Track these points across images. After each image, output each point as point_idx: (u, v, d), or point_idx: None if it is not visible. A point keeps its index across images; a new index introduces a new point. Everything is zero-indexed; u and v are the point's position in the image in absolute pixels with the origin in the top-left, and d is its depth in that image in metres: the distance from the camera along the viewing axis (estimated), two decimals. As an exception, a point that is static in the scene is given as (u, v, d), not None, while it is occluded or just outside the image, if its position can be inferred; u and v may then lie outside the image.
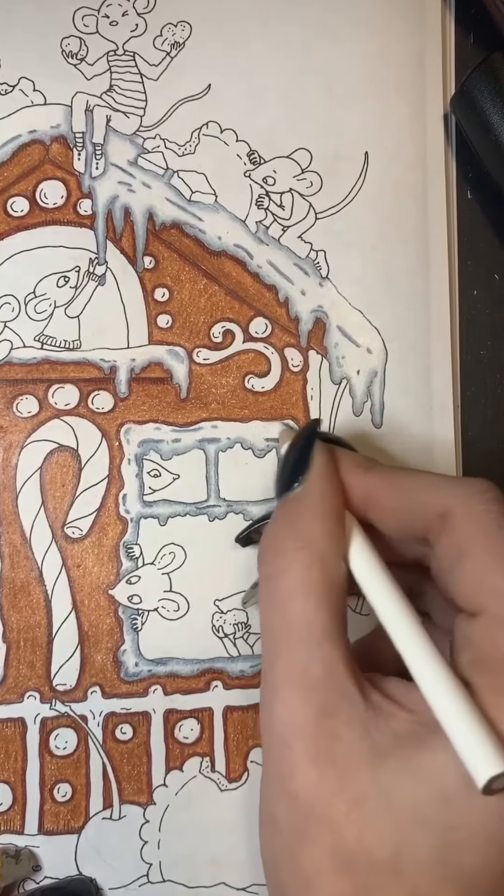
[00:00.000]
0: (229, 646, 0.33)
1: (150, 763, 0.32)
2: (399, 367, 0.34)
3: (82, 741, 0.32)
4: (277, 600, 0.25)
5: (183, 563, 0.33)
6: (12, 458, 0.32)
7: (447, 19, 0.35)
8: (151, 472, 0.33)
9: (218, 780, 0.32)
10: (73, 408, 0.33)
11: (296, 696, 0.24)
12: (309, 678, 0.24)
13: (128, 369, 0.33)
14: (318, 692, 0.24)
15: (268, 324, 0.34)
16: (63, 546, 0.32)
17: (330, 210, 0.34)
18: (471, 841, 0.22)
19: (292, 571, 0.25)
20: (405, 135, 0.34)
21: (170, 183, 0.33)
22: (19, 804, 0.31)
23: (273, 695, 0.24)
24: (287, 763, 0.23)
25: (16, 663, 0.32)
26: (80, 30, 0.33)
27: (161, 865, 0.32)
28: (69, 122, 0.33)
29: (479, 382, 0.35)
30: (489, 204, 0.35)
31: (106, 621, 0.32)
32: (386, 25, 0.34)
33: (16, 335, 0.33)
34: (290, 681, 0.24)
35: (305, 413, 0.33)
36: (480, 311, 0.35)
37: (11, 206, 0.33)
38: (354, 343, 0.34)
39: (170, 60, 0.34)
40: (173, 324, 0.33)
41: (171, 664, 0.32)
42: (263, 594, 0.26)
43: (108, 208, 0.33)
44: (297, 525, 0.26)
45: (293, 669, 0.24)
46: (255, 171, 0.34)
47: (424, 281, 0.34)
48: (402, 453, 0.33)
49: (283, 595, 0.25)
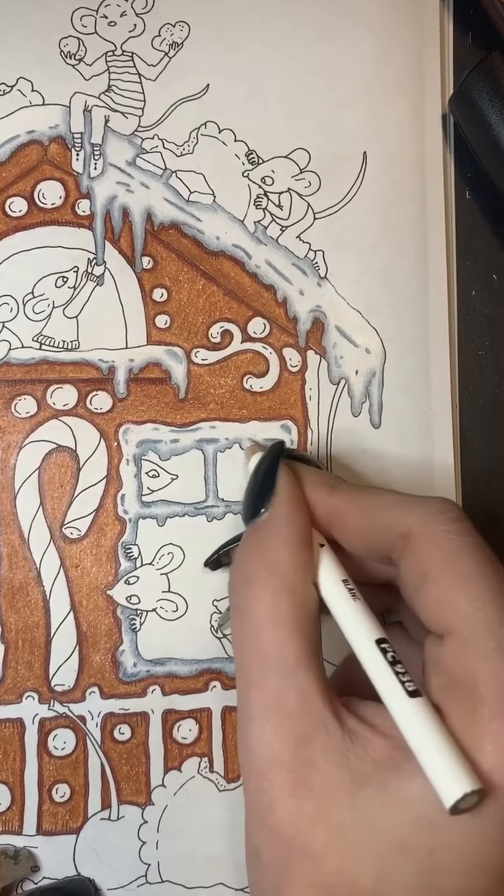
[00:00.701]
0: (228, 646, 0.33)
1: (149, 763, 0.32)
2: (398, 367, 0.34)
3: (81, 742, 0.32)
4: (249, 630, 0.25)
5: (181, 564, 0.33)
6: (10, 459, 0.32)
7: (446, 19, 0.35)
8: (150, 472, 0.33)
9: (216, 781, 0.32)
10: (71, 408, 0.33)
11: (270, 728, 0.24)
12: (283, 708, 0.24)
13: (126, 369, 0.33)
14: (293, 722, 0.23)
15: (266, 324, 0.34)
16: (61, 546, 0.32)
17: (328, 210, 0.34)
18: (452, 864, 0.22)
19: (262, 601, 0.25)
20: (404, 135, 0.34)
21: (168, 183, 0.33)
22: (18, 805, 0.31)
23: (248, 726, 0.24)
24: (266, 796, 0.23)
25: (14, 664, 0.32)
26: (78, 30, 0.33)
27: (159, 866, 0.32)
28: (67, 123, 0.33)
29: (477, 382, 0.35)
30: (488, 204, 0.35)
31: (104, 622, 0.32)
32: (385, 25, 0.34)
33: (14, 335, 0.33)
34: (265, 711, 0.24)
35: (304, 413, 0.33)
36: (479, 311, 0.35)
37: (10, 207, 0.33)
38: (353, 343, 0.34)
39: (168, 60, 0.34)
40: (171, 324, 0.33)
41: (169, 664, 0.32)
42: (235, 624, 0.26)
43: (106, 208, 0.33)
44: (265, 552, 0.26)
45: (267, 700, 0.24)
46: (254, 171, 0.34)
47: (423, 281, 0.34)
48: (401, 453, 0.33)
49: (254, 625, 0.25)
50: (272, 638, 0.24)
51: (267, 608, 0.25)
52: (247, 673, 0.25)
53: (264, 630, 0.24)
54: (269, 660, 0.24)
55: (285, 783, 0.23)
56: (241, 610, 0.25)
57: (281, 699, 0.24)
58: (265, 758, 0.23)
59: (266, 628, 0.24)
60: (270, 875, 0.23)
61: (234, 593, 0.26)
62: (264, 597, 0.25)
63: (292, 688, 0.24)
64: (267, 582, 0.25)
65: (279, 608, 0.24)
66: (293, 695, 0.24)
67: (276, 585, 0.25)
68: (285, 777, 0.23)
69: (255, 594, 0.25)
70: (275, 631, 0.24)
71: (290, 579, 0.25)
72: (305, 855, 0.22)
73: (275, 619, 0.24)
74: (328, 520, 0.27)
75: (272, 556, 0.25)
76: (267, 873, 0.23)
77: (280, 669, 0.24)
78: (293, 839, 0.23)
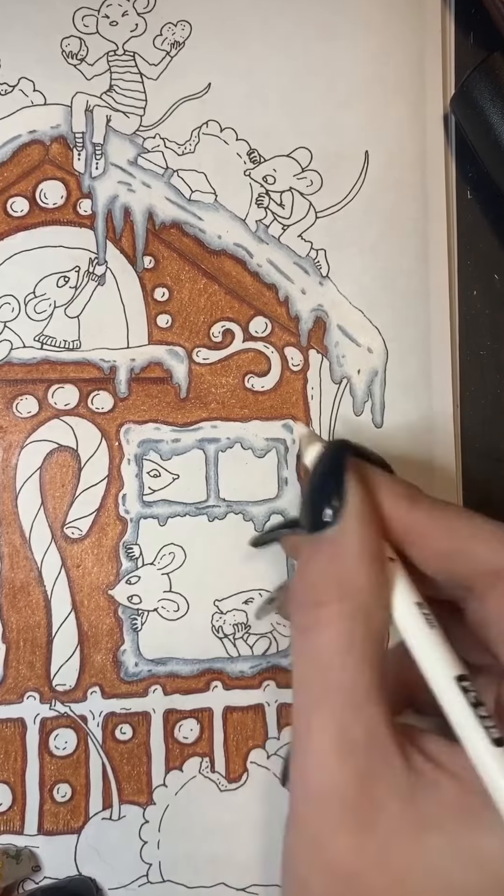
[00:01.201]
0: (229, 646, 0.33)
1: (150, 763, 0.32)
2: (399, 367, 0.34)
3: (82, 741, 0.32)
4: (316, 656, 0.23)
5: (183, 564, 0.33)
6: (12, 459, 0.32)
7: (447, 19, 0.35)
8: (151, 472, 0.33)
9: (217, 781, 0.32)
10: (72, 408, 0.33)
11: (334, 759, 0.22)
12: (349, 741, 0.22)
13: (127, 369, 0.33)
14: (358, 757, 0.22)
15: (268, 323, 0.34)
16: (63, 546, 0.32)
17: (330, 209, 0.34)
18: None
19: (334, 626, 0.23)
20: (405, 134, 0.34)
21: (169, 182, 0.33)
22: (19, 804, 0.31)
23: (308, 754, 0.23)
24: (323, 828, 0.22)
25: (15, 664, 0.32)
26: (80, 30, 0.33)
27: (161, 865, 0.31)
28: (69, 123, 0.33)
29: (478, 382, 0.35)
30: (489, 204, 0.35)
31: (106, 621, 0.32)
32: (386, 25, 0.34)
33: (15, 335, 0.33)
34: (328, 742, 0.22)
35: (306, 412, 0.33)
36: (480, 310, 0.35)
37: (11, 207, 0.33)
38: (355, 342, 0.34)
39: (169, 60, 0.34)
40: (173, 323, 0.33)
41: (170, 664, 0.32)
42: (299, 646, 0.24)
43: (107, 208, 0.33)
44: (338, 572, 0.23)
45: (331, 730, 0.22)
46: (255, 169, 0.34)
47: (424, 280, 0.34)
48: (403, 453, 0.33)
49: (322, 651, 0.23)
50: (343, 667, 0.23)
51: (339, 634, 0.23)
52: (309, 698, 0.23)
53: (334, 657, 0.23)
54: (337, 689, 0.23)
55: (347, 819, 0.22)
56: (309, 632, 0.23)
57: (347, 731, 0.22)
58: (325, 789, 0.22)
59: (336, 655, 0.23)
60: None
61: (301, 613, 0.24)
62: (337, 622, 0.23)
63: (360, 721, 0.22)
64: (340, 606, 0.23)
65: (352, 635, 0.23)
66: (361, 728, 0.22)
67: (350, 610, 0.23)
68: (348, 813, 0.22)
69: (326, 618, 0.23)
70: (346, 659, 0.23)
71: (365, 603, 0.23)
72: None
73: (347, 646, 0.23)
74: (405, 534, 0.25)
75: (345, 576, 0.23)
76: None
77: (349, 700, 0.22)
78: (351, 878, 0.21)
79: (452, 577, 0.25)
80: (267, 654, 0.33)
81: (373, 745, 0.22)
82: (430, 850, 0.21)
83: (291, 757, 0.24)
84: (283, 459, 0.33)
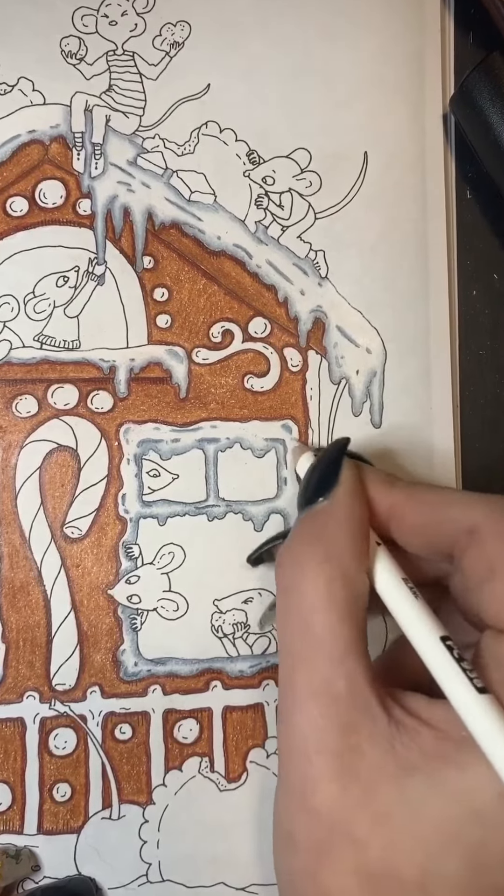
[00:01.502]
0: (228, 646, 0.33)
1: (150, 763, 0.32)
2: (398, 367, 0.34)
3: (81, 741, 0.32)
4: (299, 612, 0.25)
5: (182, 563, 0.33)
6: (11, 458, 0.32)
7: (446, 19, 0.35)
8: (151, 471, 0.33)
9: (217, 781, 0.32)
10: (72, 408, 0.33)
11: (317, 711, 0.23)
12: (331, 693, 0.23)
13: (127, 369, 0.33)
14: (340, 707, 0.23)
15: (267, 324, 0.34)
16: (62, 546, 0.32)
17: (329, 210, 0.34)
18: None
19: (316, 584, 0.24)
20: (404, 135, 0.34)
21: (169, 183, 0.33)
22: (18, 804, 0.31)
23: (293, 708, 0.24)
24: (308, 778, 0.23)
25: (15, 663, 0.32)
26: (79, 30, 0.33)
27: (160, 865, 0.32)
28: (68, 122, 0.33)
29: (478, 382, 0.35)
30: (488, 204, 0.35)
31: (105, 621, 0.32)
32: (385, 25, 0.34)
33: (15, 335, 0.33)
34: (312, 694, 0.24)
35: (305, 413, 0.33)
36: (480, 310, 0.35)
37: (11, 206, 0.33)
38: (354, 343, 0.34)
39: (169, 60, 0.34)
40: (172, 324, 0.33)
41: (170, 664, 0.32)
42: (283, 605, 0.26)
43: (107, 208, 0.33)
44: (323, 538, 0.25)
45: (315, 683, 0.24)
46: (255, 170, 0.34)
47: (424, 281, 0.34)
48: (402, 453, 0.33)
49: (305, 607, 0.24)
50: (324, 621, 0.24)
51: (320, 591, 0.24)
52: (294, 654, 0.25)
53: (316, 613, 0.24)
54: (320, 643, 0.24)
55: (330, 767, 0.23)
56: (292, 591, 0.25)
57: (329, 683, 0.24)
58: (310, 740, 0.23)
59: (318, 611, 0.24)
60: (305, 859, 0.23)
61: (285, 575, 0.26)
62: (318, 580, 0.24)
63: (342, 673, 0.24)
64: (323, 566, 0.25)
65: (333, 593, 0.24)
66: (342, 680, 0.23)
67: (332, 570, 0.25)
68: (331, 761, 0.23)
69: (309, 577, 0.25)
70: (327, 615, 0.24)
71: (346, 566, 0.25)
72: (347, 840, 0.22)
73: (328, 603, 0.24)
74: (387, 516, 0.27)
75: (330, 541, 0.25)
76: (301, 857, 0.23)
77: (330, 653, 0.24)
78: (335, 824, 0.23)
79: (433, 549, 0.26)
80: (266, 653, 0.33)
81: (354, 697, 0.23)
82: (410, 789, 0.22)
83: (277, 715, 0.25)
84: (282, 459, 0.33)
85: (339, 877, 0.22)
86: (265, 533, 0.33)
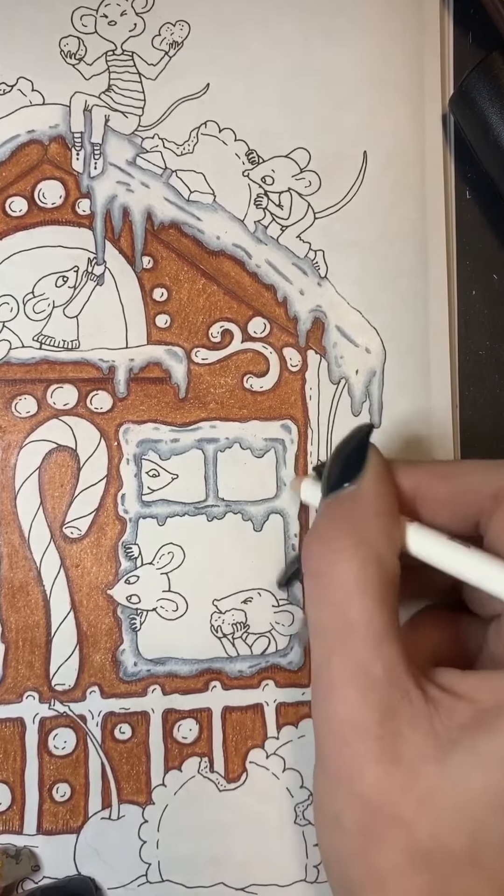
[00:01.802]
0: (228, 646, 0.33)
1: (149, 763, 0.32)
2: (398, 367, 0.34)
3: (81, 741, 0.32)
4: (332, 598, 0.25)
5: (181, 563, 0.33)
6: (11, 458, 0.32)
7: (446, 19, 0.35)
8: (150, 471, 0.33)
9: (216, 781, 0.32)
10: (71, 408, 0.33)
11: (356, 696, 0.23)
12: (369, 677, 0.23)
13: (126, 369, 0.33)
14: (379, 692, 0.23)
15: (266, 323, 0.34)
16: (62, 546, 0.32)
17: (329, 210, 0.34)
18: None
19: (350, 568, 0.24)
20: (404, 134, 0.34)
21: (168, 182, 0.33)
22: (18, 804, 0.31)
23: (331, 693, 0.24)
24: (352, 763, 0.23)
25: (14, 663, 0.32)
26: (78, 29, 0.33)
27: (160, 865, 0.32)
28: (67, 122, 0.33)
29: (477, 382, 0.35)
30: (488, 204, 0.35)
31: (105, 621, 0.32)
32: (384, 25, 0.34)
33: (14, 335, 0.33)
34: (350, 680, 0.24)
35: (304, 413, 0.33)
36: (479, 310, 0.35)
37: (10, 206, 0.33)
38: (353, 343, 0.34)
39: (168, 60, 0.34)
40: (172, 324, 0.33)
41: (169, 664, 0.32)
42: (313, 591, 0.25)
43: (106, 208, 0.33)
44: (353, 523, 0.25)
45: (352, 668, 0.24)
46: (254, 170, 0.34)
47: (423, 281, 0.34)
48: (401, 453, 0.33)
49: (339, 592, 0.24)
50: (360, 606, 0.24)
51: (355, 576, 0.24)
52: (328, 640, 0.25)
53: (352, 597, 0.24)
54: (355, 627, 0.24)
55: (372, 751, 0.23)
56: (324, 577, 0.25)
57: (367, 668, 0.24)
58: (350, 725, 0.23)
59: (353, 595, 0.24)
60: (355, 841, 0.23)
61: (315, 560, 0.25)
62: (352, 564, 0.24)
63: (379, 657, 0.24)
64: (355, 551, 0.24)
65: (367, 576, 0.24)
66: (380, 664, 0.24)
67: (365, 554, 0.24)
68: (373, 745, 0.23)
69: (342, 562, 0.25)
70: (362, 599, 0.24)
71: (379, 549, 0.25)
72: (395, 822, 0.22)
73: (362, 587, 0.24)
74: (414, 493, 0.27)
75: (361, 525, 0.25)
76: (350, 839, 0.23)
77: (367, 638, 0.24)
78: (381, 806, 0.23)
79: (460, 519, 0.27)
80: (266, 653, 0.33)
81: (392, 681, 0.23)
82: (453, 766, 0.22)
83: (313, 701, 0.25)
84: (281, 459, 0.33)
85: (391, 855, 0.22)
86: (265, 533, 0.33)
